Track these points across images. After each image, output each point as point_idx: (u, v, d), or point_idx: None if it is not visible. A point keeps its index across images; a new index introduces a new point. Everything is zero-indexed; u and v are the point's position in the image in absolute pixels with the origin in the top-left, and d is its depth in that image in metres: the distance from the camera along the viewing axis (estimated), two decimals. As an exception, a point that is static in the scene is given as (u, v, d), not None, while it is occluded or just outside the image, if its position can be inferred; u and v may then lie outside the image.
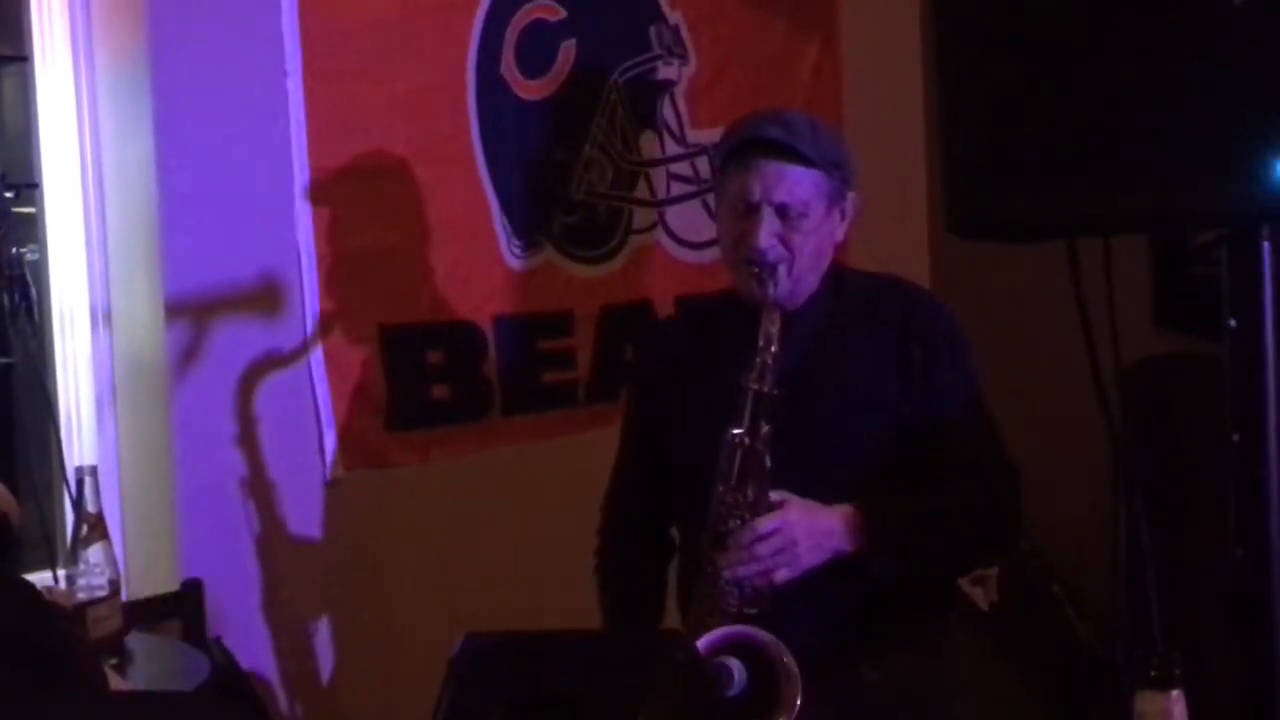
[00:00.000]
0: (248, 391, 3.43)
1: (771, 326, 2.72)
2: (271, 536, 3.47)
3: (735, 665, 2.67)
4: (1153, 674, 1.56)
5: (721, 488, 2.71)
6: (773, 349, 2.71)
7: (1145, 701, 1.57)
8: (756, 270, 2.75)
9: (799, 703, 2.64)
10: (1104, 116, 1.50)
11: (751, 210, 2.77)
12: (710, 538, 2.72)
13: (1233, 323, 1.55)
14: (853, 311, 2.87)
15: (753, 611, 2.71)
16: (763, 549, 2.68)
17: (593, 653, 2.54)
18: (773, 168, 2.75)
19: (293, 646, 3.51)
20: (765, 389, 2.70)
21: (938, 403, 2.81)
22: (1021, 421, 2.95)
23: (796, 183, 2.75)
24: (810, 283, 2.84)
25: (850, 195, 2.84)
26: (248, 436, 3.43)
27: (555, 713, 2.30)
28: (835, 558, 2.71)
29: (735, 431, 2.70)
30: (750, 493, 2.70)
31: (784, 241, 2.76)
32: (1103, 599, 3.58)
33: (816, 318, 2.85)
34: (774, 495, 2.71)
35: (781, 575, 2.70)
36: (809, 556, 2.70)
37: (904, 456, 2.79)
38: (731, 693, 2.66)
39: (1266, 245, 1.54)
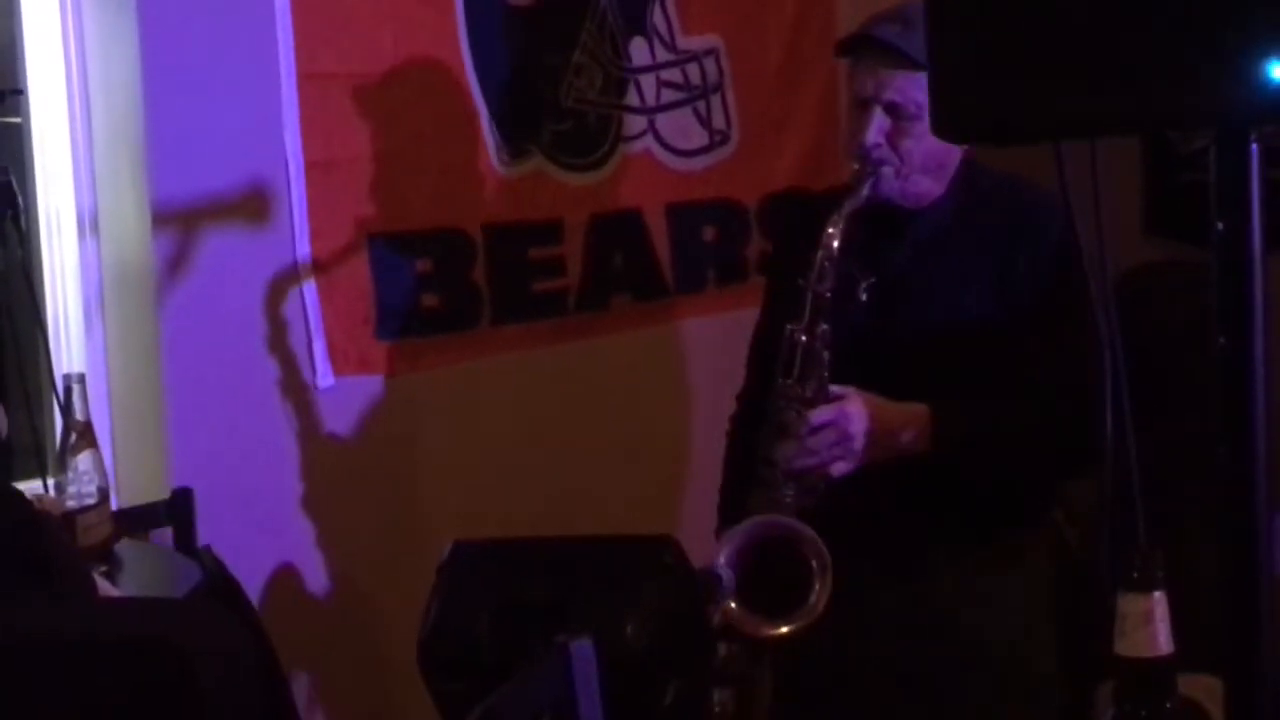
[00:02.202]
0: (236, 299, 3.43)
1: (833, 228, 2.72)
2: (261, 444, 3.47)
3: (725, 571, 2.68)
4: (1135, 575, 1.57)
5: (783, 380, 2.72)
6: (834, 248, 2.71)
7: (1127, 603, 1.57)
8: (857, 166, 2.75)
9: (827, 596, 2.66)
10: (1092, 16, 1.48)
11: (864, 106, 2.76)
12: (770, 428, 2.73)
13: (1220, 225, 1.54)
14: (970, 216, 2.85)
15: (807, 503, 2.72)
16: (817, 441, 2.68)
17: (580, 560, 2.55)
18: (885, 69, 2.73)
19: (283, 554, 3.53)
20: (823, 290, 2.71)
21: (1036, 318, 2.77)
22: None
23: (909, 84, 2.71)
24: (926, 185, 2.80)
25: None
26: (236, 344, 3.43)
27: (543, 620, 2.31)
28: (901, 455, 2.72)
29: (791, 327, 2.72)
30: (810, 388, 2.71)
31: (893, 142, 2.75)
32: (1088, 504, 3.59)
33: (934, 220, 2.83)
34: (835, 389, 2.71)
35: (839, 469, 2.70)
36: (868, 451, 2.70)
37: (990, 365, 2.77)
38: (721, 600, 2.67)
39: (1255, 147, 1.53)
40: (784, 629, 2.69)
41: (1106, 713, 1.62)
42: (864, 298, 2.76)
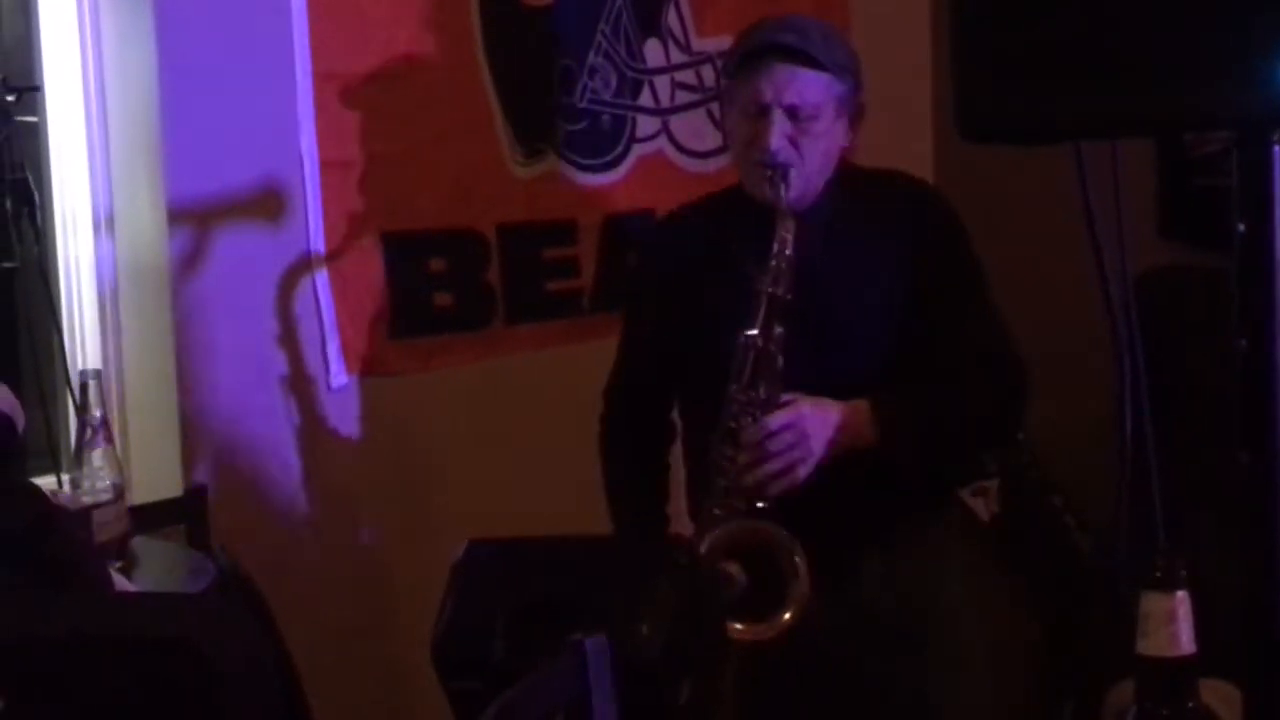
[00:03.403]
0: (251, 297, 3.43)
1: (786, 232, 2.75)
2: (275, 442, 3.48)
3: (736, 571, 2.69)
4: (1157, 575, 1.56)
5: (734, 387, 2.75)
6: (787, 253, 2.74)
7: (1149, 603, 1.57)
8: (769, 174, 2.78)
9: (804, 600, 2.69)
10: (1113, 17, 1.49)
11: (763, 112, 2.80)
12: (722, 434, 2.75)
13: (1241, 227, 1.55)
14: (860, 210, 2.90)
15: (761, 506, 2.75)
16: (775, 445, 2.71)
17: (594, 559, 2.56)
18: (784, 70, 2.78)
19: (296, 551, 3.53)
20: (779, 293, 2.73)
21: (945, 299, 2.85)
22: (1022, 329, 2.96)
23: (807, 85, 2.79)
24: (817, 184, 2.87)
25: (860, 101, 2.86)
26: (251, 342, 3.43)
27: (556, 619, 2.32)
28: (848, 451, 2.75)
29: (749, 334, 2.74)
30: (762, 392, 2.74)
31: (794, 143, 2.79)
32: (1101, 510, 3.60)
33: (823, 218, 2.88)
34: (784, 397, 2.74)
35: (802, 472, 2.73)
36: (821, 450, 2.74)
37: (910, 352, 2.83)
38: (733, 597, 2.68)
39: (1277, 149, 1.53)
40: (767, 630, 2.72)
41: (1128, 711, 1.62)
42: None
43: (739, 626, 2.71)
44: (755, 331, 2.75)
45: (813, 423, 2.73)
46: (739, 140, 2.87)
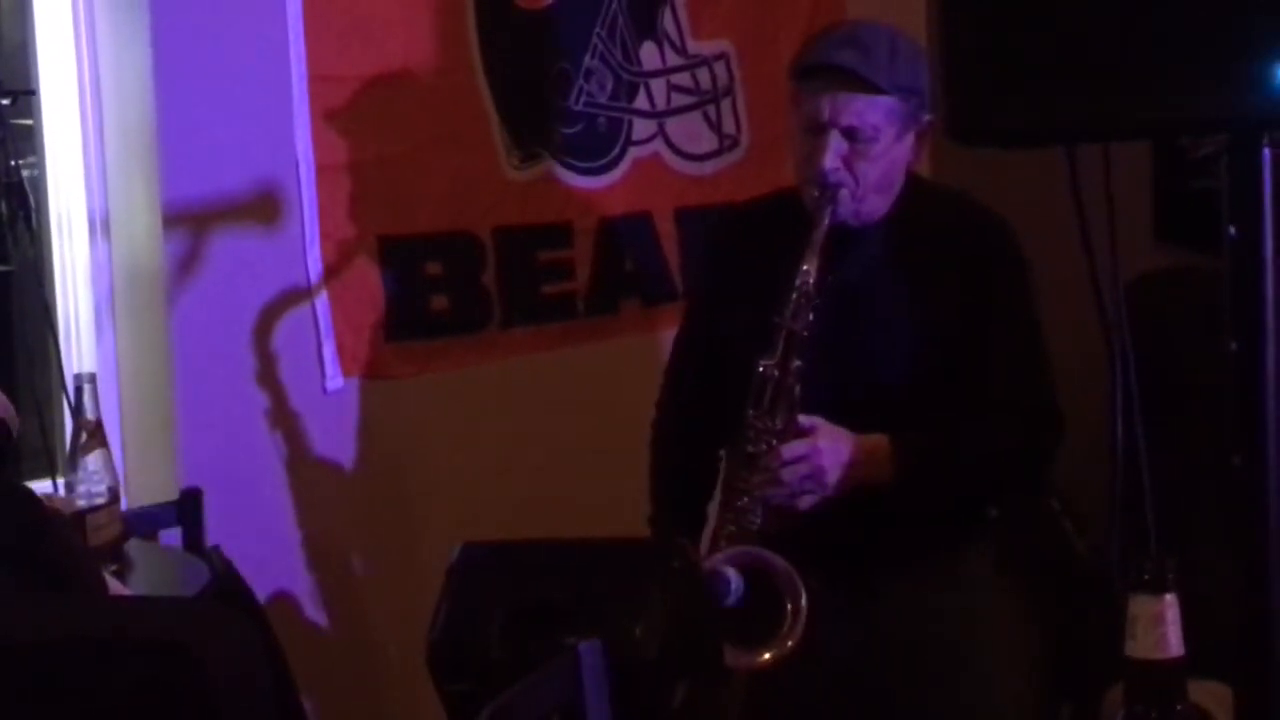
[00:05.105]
0: (246, 300, 3.43)
1: (809, 265, 2.71)
2: (271, 445, 3.48)
3: (732, 574, 2.69)
4: (1146, 578, 1.56)
5: (752, 412, 2.72)
6: (809, 285, 2.70)
7: (1138, 605, 1.57)
8: (817, 193, 2.75)
9: (794, 640, 2.68)
10: (1104, 21, 1.49)
11: (820, 130, 2.75)
12: (739, 457, 2.74)
13: (1232, 231, 1.55)
14: (924, 232, 2.85)
15: (773, 531, 2.73)
16: (789, 474, 2.70)
17: (590, 562, 2.55)
18: (843, 93, 2.73)
19: (291, 555, 3.53)
20: (798, 328, 2.70)
21: (989, 336, 2.79)
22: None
23: (867, 108, 2.73)
24: (876, 203, 2.81)
25: (926, 118, 2.80)
26: (246, 345, 3.43)
27: (553, 621, 2.32)
28: (861, 487, 2.72)
29: (765, 363, 2.72)
30: (779, 420, 2.72)
31: (849, 165, 2.75)
32: (1099, 513, 3.60)
33: (879, 238, 2.83)
34: (804, 420, 2.72)
35: (806, 502, 2.71)
36: (835, 485, 2.71)
37: (945, 385, 2.78)
38: (728, 602, 2.68)
39: (1267, 153, 1.54)
40: (751, 660, 2.71)
41: (1116, 715, 1.62)
42: (812, 318, 2.75)
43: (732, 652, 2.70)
44: (772, 362, 2.73)
45: (828, 458, 2.71)
46: (798, 153, 2.83)
